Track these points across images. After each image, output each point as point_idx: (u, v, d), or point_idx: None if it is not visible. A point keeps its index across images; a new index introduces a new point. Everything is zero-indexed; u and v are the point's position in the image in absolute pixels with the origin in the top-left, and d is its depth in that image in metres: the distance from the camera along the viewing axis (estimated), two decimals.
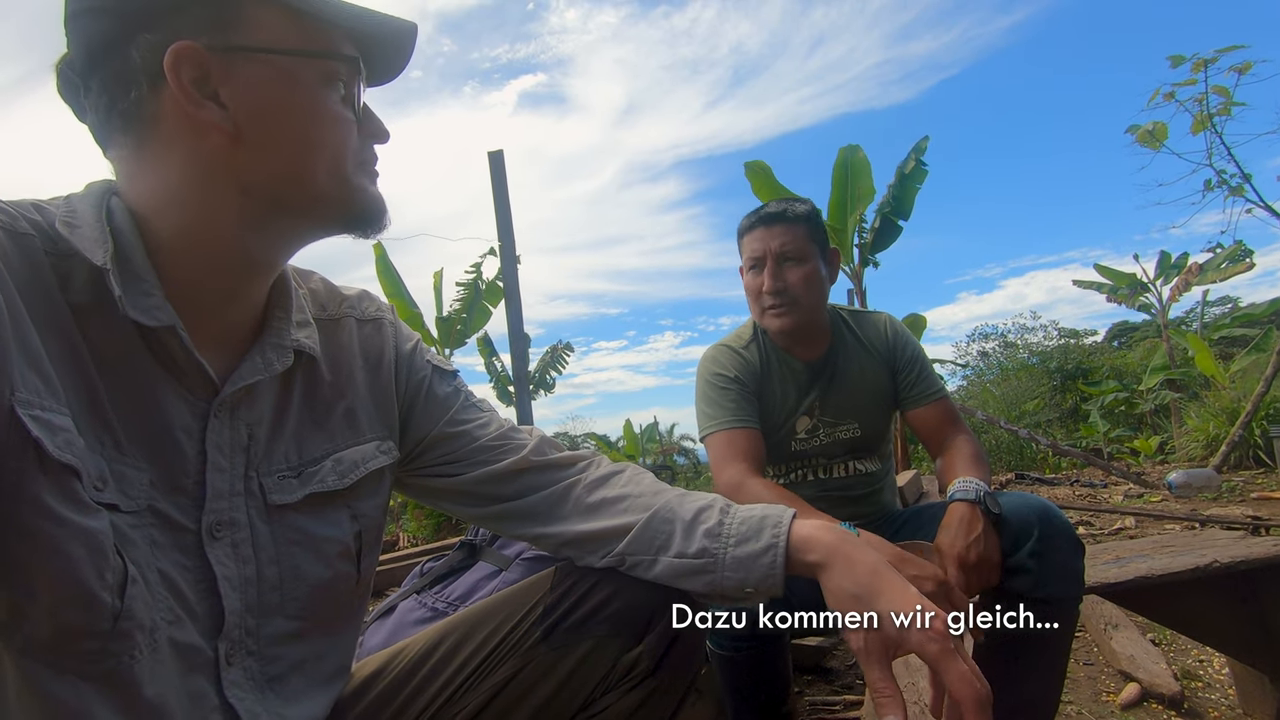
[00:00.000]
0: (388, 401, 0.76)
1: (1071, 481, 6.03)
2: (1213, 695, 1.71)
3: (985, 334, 19.71)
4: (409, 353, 0.80)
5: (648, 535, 0.74)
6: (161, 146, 0.58)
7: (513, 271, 4.71)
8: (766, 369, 1.48)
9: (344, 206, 0.64)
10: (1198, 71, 5.78)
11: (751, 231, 1.45)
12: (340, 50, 0.62)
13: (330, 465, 0.69)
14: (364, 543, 0.71)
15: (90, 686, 0.51)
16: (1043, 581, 1.12)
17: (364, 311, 0.78)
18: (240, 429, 0.63)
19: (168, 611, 0.56)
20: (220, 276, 0.61)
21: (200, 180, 0.58)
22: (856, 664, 2.05)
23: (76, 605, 0.49)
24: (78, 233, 0.55)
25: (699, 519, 0.74)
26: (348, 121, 0.63)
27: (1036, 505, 1.19)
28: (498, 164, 4.61)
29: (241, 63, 0.58)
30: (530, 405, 4.93)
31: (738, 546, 0.72)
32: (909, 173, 8.51)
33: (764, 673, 1.19)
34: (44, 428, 0.48)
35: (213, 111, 0.56)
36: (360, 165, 0.65)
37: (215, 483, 0.61)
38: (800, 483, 1.45)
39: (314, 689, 0.67)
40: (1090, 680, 1.81)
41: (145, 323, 0.56)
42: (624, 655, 0.70)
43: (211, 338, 0.62)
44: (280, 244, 0.64)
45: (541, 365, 13.70)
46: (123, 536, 0.53)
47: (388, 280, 12.38)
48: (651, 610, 0.72)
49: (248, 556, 0.62)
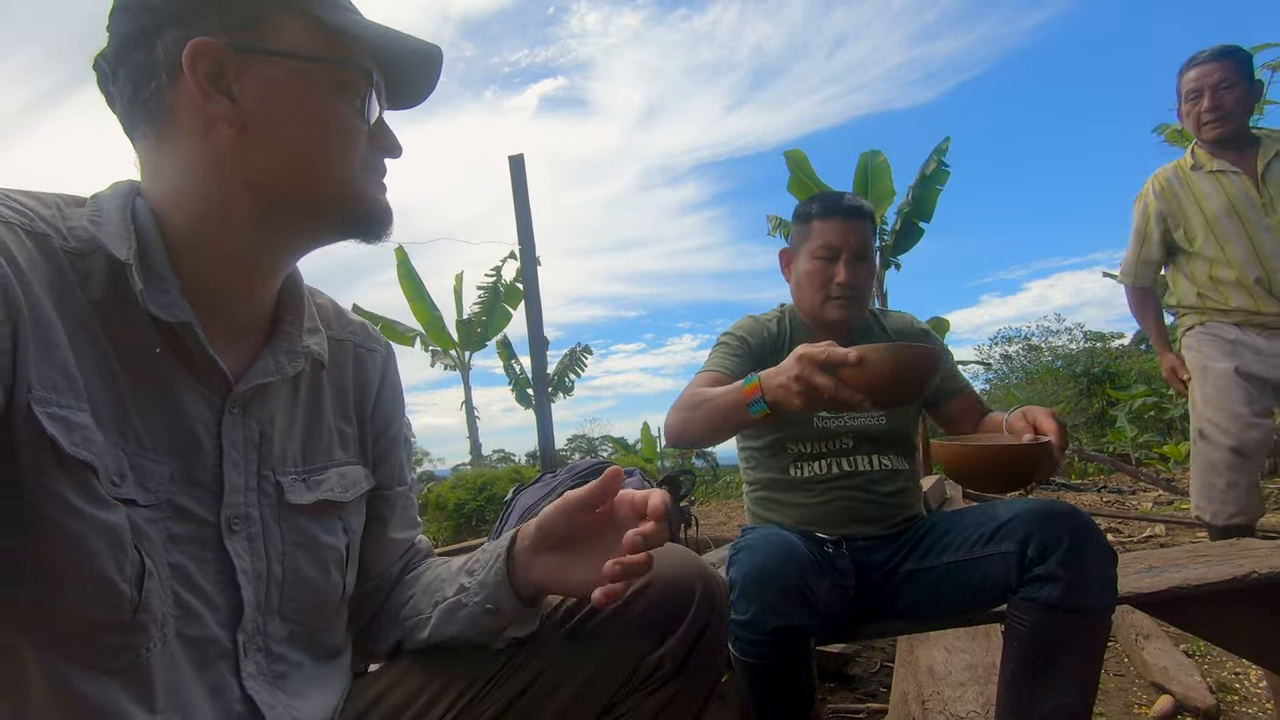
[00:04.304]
0: (365, 433, 0.79)
1: (1099, 488, 5.92)
2: (1250, 709, 1.66)
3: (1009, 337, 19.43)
4: (396, 404, 0.83)
5: (427, 595, 0.76)
6: (177, 139, 0.60)
7: (532, 274, 4.74)
8: (789, 341, 1.50)
9: (346, 209, 0.65)
10: None
11: (829, 220, 1.44)
12: (359, 62, 0.64)
13: (335, 477, 0.72)
14: (350, 557, 0.74)
15: (114, 682, 0.53)
16: (1074, 590, 1.10)
17: (363, 340, 0.80)
18: (252, 426, 0.65)
19: (175, 606, 0.57)
20: (229, 274, 0.63)
21: (209, 173, 0.60)
22: (880, 671, 2.03)
23: (99, 598, 0.51)
24: (103, 230, 0.57)
25: (465, 565, 0.76)
26: (357, 130, 0.65)
27: (1067, 512, 1.17)
28: (518, 168, 4.64)
29: (258, 63, 0.60)
30: (549, 408, 4.95)
31: (485, 571, 0.72)
32: (930, 174, 8.44)
33: (788, 680, 1.18)
34: (60, 425, 0.49)
35: (222, 104, 0.59)
36: (367, 172, 0.67)
37: (232, 477, 0.62)
38: (829, 475, 1.44)
39: (315, 690, 0.68)
40: (1121, 692, 1.77)
41: (163, 318, 0.57)
42: (646, 658, 0.70)
43: (223, 335, 0.64)
44: (285, 244, 0.66)
45: (560, 368, 13.77)
46: (138, 531, 0.54)
47: (409, 283, 12.55)
48: (674, 613, 0.72)
49: (260, 552, 0.64)
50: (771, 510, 1.49)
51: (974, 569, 1.24)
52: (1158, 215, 2.24)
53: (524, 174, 4.66)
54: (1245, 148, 2.13)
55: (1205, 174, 2.16)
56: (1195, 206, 2.17)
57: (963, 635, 1.93)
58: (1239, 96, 2.09)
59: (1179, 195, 2.20)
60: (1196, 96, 2.13)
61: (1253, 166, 2.10)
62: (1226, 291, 2.14)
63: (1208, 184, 2.15)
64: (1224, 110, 2.09)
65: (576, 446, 23.53)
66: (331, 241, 0.68)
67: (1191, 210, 2.17)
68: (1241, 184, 2.10)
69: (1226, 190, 2.11)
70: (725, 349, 1.47)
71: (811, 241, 1.46)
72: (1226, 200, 2.11)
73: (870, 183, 8.48)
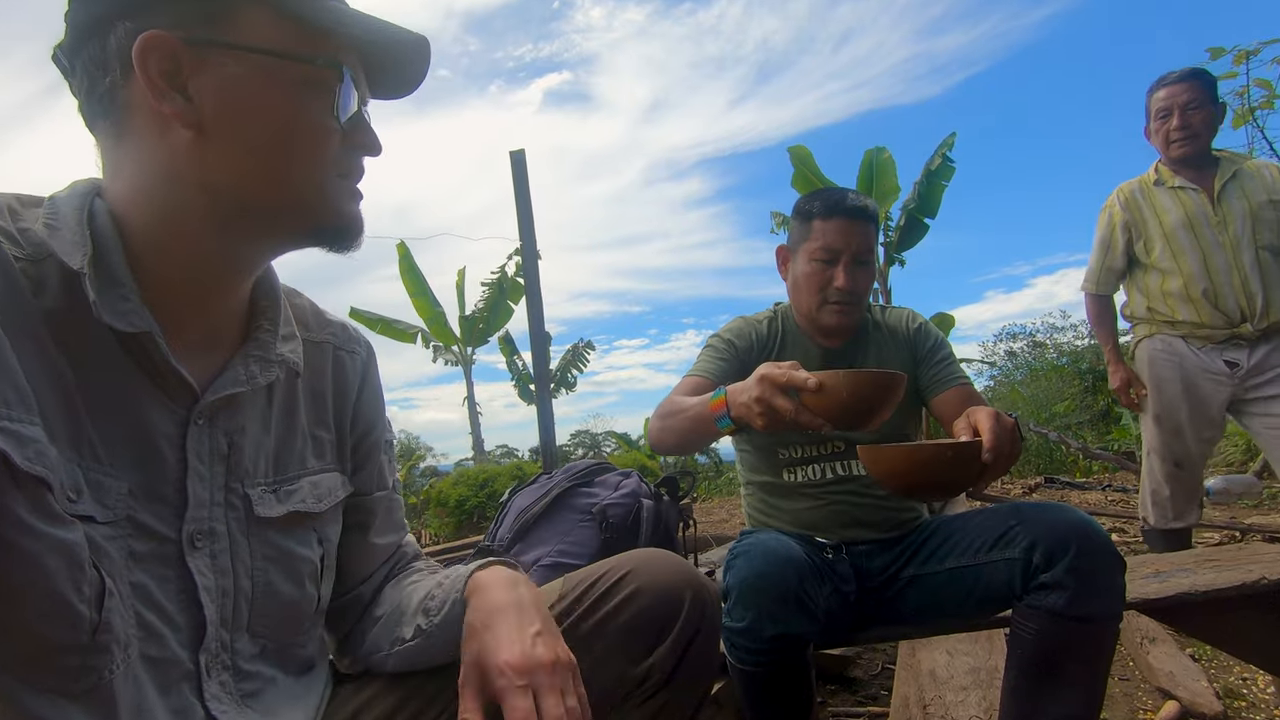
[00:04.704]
0: (344, 437, 0.76)
1: (1103, 486, 5.88)
2: (1257, 716, 1.63)
3: (1013, 333, 19.28)
4: (376, 407, 0.80)
5: (387, 631, 0.74)
6: (135, 137, 0.57)
7: (534, 270, 4.72)
8: (779, 342, 1.47)
9: (314, 217, 0.62)
10: (1239, 64, 5.57)
11: (831, 220, 1.38)
12: (328, 56, 0.60)
13: (308, 487, 0.69)
14: (325, 567, 0.71)
15: (74, 705, 0.50)
16: (1081, 599, 1.08)
17: (343, 342, 0.77)
18: (220, 438, 0.62)
19: (138, 628, 0.55)
20: (191, 279, 0.60)
21: (166, 174, 0.57)
22: (881, 674, 2.00)
23: (55, 619, 0.48)
24: (57, 235, 0.54)
25: (423, 602, 0.73)
26: (327, 130, 0.61)
27: (1074, 519, 1.14)
28: (519, 163, 4.61)
29: (218, 58, 0.56)
30: (551, 403, 4.93)
31: (441, 612, 0.70)
32: (935, 169, 8.39)
33: (785, 687, 1.16)
34: (12, 440, 0.47)
35: (177, 103, 0.55)
36: (340, 177, 0.63)
37: (196, 491, 0.60)
38: (823, 480, 1.41)
39: (288, 707, 0.66)
40: (1126, 697, 1.74)
41: (121, 328, 0.55)
42: (634, 667, 0.69)
43: (190, 343, 0.61)
44: (250, 250, 0.63)
45: (563, 363, 13.75)
46: (97, 549, 0.52)
47: (411, 279, 12.52)
48: (662, 622, 0.70)
49: (225, 568, 0.61)
50: (769, 514, 1.47)
51: (978, 575, 1.21)
52: (1123, 225, 2.36)
53: (525, 169, 4.63)
54: (1206, 167, 2.24)
55: (1167, 189, 2.28)
56: (1155, 220, 2.29)
57: (965, 639, 1.90)
58: (1205, 118, 2.21)
59: (1142, 208, 2.32)
60: (1166, 115, 2.25)
61: (1211, 185, 2.21)
62: (1175, 304, 2.27)
63: (1168, 199, 2.27)
64: (1192, 130, 2.20)
65: (579, 442, 23.53)
66: (298, 248, 0.65)
67: (1152, 223, 2.30)
68: (1200, 201, 2.22)
69: (1185, 206, 2.23)
70: (711, 352, 1.44)
71: (811, 242, 1.40)
72: (1184, 215, 2.23)
73: (875, 179, 8.45)
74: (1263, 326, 2.15)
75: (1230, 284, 2.16)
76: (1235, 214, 2.17)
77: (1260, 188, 2.18)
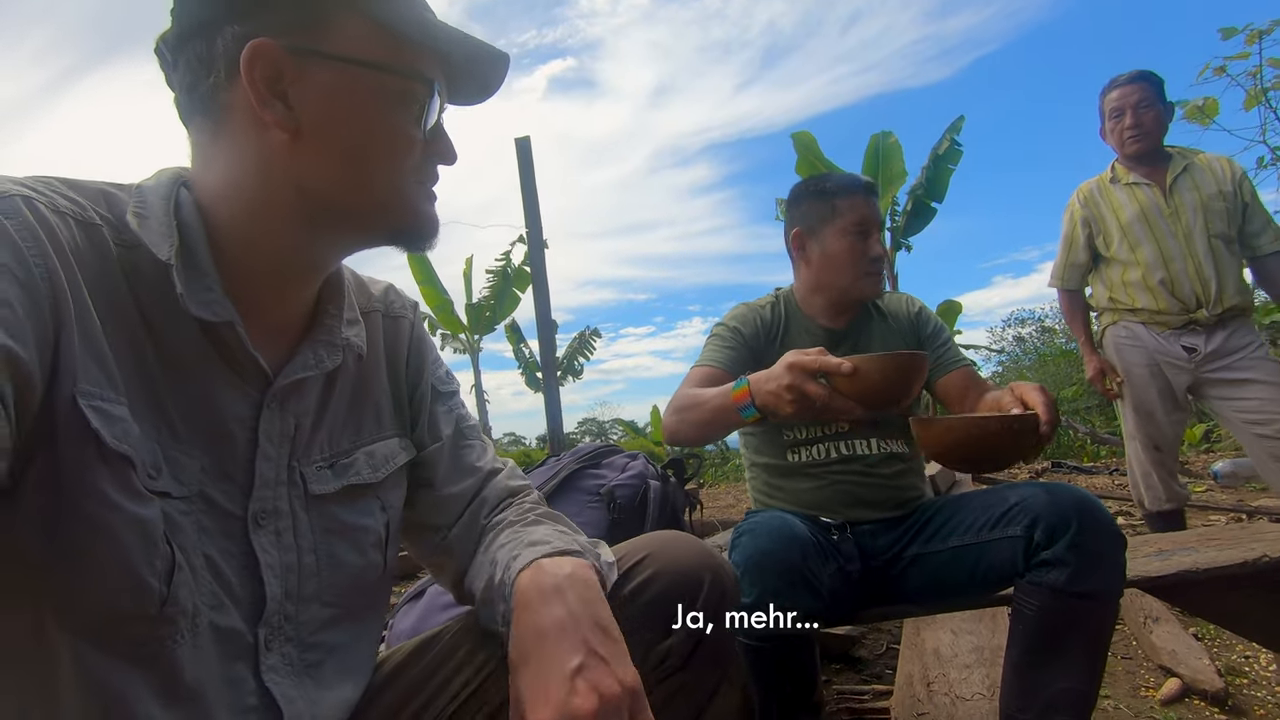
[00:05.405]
0: (401, 400, 0.78)
1: (1111, 470, 5.87)
2: (1259, 693, 1.65)
3: (1021, 319, 19.15)
4: (422, 361, 0.81)
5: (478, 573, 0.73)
6: (232, 135, 0.59)
7: (540, 258, 4.72)
8: (783, 327, 1.52)
9: (394, 220, 0.64)
10: (1252, 44, 5.48)
11: (856, 197, 1.48)
12: (421, 71, 0.62)
13: (363, 458, 0.71)
14: (390, 533, 0.73)
15: (135, 670, 0.53)
16: (1082, 575, 1.10)
17: (389, 307, 0.79)
18: (289, 420, 0.65)
19: (210, 596, 0.57)
20: (274, 271, 0.63)
21: (260, 173, 0.59)
22: (886, 653, 2.03)
23: (126, 591, 0.51)
24: (146, 224, 0.56)
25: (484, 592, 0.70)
26: (412, 140, 0.63)
27: (1075, 496, 1.15)
28: (524, 150, 4.61)
29: (318, 67, 0.58)
30: (558, 391, 4.95)
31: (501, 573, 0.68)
32: (943, 153, 8.33)
33: (791, 665, 1.18)
34: (103, 418, 0.50)
35: (277, 109, 0.57)
36: (418, 183, 0.65)
37: (263, 471, 0.62)
38: (827, 459, 1.43)
39: (346, 676, 0.68)
40: (1129, 675, 1.76)
41: (205, 318, 0.57)
42: (652, 649, 0.69)
43: (265, 330, 0.63)
44: (331, 247, 0.66)
45: (570, 351, 13.78)
46: (172, 523, 0.54)
47: (419, 268, 12.54)
48: (680, 604, 0.71)
49: (289, 544, 0.63)
50: (774, 495, 1.49)
51: (981, 553, 1.23)
52: (1083, 221, 2.49)
53: (530, 156, 4.63)
54: (1158, 162, 2.37)
55: (1122, 186, 2.41)
56: (1113, 215, 2.42)
57: (969, 617, 1.92)
58: (1156, 116, 2.34)
59: (1099, 204, 2.46)
60: (1119, 115, 2.38)
61: (1163, 179, 2.34)
62: (1134, 293, 2.38)
63: (1124, 195, 2.40)
64: (1144, 128, 2.33)
65: (586, 429, 23.62)
66: (376, 247, 0.67)
67: (1110, 218, 2.42)
68: (1153, 194, 2.34)
69: (1139, 200, 2.36)
70: (718, 341, 1.48)
71: (842, 218, 1.47)
72: (1139, 209, 2.36)
73: (881, 164, 8.39)
74: (1218, 312, 2.26)
75: (1185, 272, 2.27)
76: (1187, 205, 2.29)
77: (1211, 180, 2.30)
